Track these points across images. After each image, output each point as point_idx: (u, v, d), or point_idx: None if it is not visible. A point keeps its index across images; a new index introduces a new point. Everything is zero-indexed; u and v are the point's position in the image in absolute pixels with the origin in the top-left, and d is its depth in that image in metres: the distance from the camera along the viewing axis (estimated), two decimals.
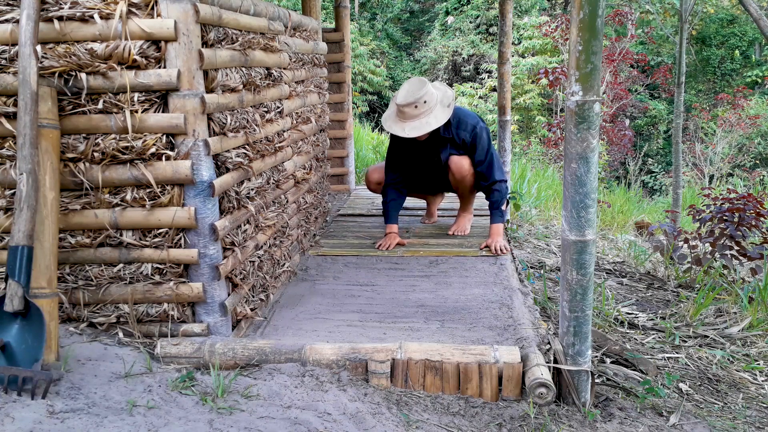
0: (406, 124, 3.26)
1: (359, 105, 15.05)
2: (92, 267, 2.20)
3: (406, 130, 3.25)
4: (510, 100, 5.02)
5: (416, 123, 3.25)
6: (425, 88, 3.25)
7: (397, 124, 3.29)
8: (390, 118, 3.37)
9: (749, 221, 3.80)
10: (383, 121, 3.40)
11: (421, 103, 3.22)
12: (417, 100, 3.21)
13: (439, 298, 2.78)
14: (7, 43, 2.02)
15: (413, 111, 3.23)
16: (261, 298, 2.64)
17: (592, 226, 1.97)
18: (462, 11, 17.62)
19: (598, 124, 1.91)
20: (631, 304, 3.44)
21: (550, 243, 4.87)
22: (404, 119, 3.27)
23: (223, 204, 2.28)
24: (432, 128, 3.25)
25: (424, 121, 3.25)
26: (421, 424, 1.90)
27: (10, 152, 2.08)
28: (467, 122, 3.43)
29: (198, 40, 2.07)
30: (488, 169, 3.46)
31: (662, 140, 14.77)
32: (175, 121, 2.04)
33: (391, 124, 3.33)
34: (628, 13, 10.82)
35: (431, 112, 3.26)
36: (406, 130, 3.25)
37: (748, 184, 10.49)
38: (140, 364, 2.06)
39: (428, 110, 3.25)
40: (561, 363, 2.09)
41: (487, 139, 3.46)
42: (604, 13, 1.84)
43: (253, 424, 1.75)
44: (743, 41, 16.12)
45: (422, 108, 3.23)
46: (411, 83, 3.31)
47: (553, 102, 14.05)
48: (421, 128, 3.24)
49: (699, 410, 2.24)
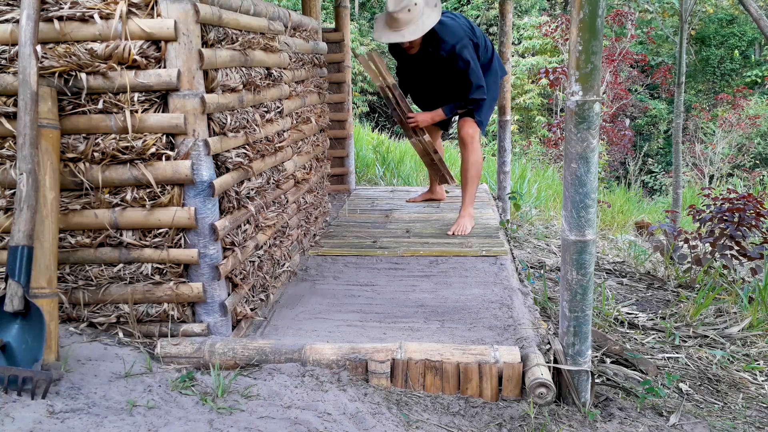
0: (403, 30, 3.33)
1: (359, 105, 15.05)
2: (92, 267, 2.20)
3: (406, 36, 3.32)
4: (510, 100, 5.02)
5: (412, 27, 3.32)
6: None
7: (394, 34, 3.36)
8: (384, 32, 3.42)
9: (749, 221, 3.80)
10: (377, 37, 3.46)
11: (412, 6, 3.30)
12: (408, 4, 3.29)
13: (439, 298, 2.78)
14: (7, 43, 2.02)
15: (406, 15, 3.30)
16: (261, 298, 2.64)
17: (592, 226, 1.97)
18: (462, 11, 17.62)
19: (598, 124, 1.91)
20: (631, 304, 3.44)
21: (550, 243, 4.87)
22: (399, 27, 3.34)
23: (223, 204, 2.28)
24: (428, 28, 3.32)
25: (419, 24, 3.32)
26: (421, 424, 1.90)
27: (10, 152, 2.08)
28: (447, 41, 3.46)
29: (198, 40, 2.07)
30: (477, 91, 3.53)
31: (662, 140, 14.78)
32: (175, 121, 2.04)
33: (389, 35, 3.38)
34: (629, 13, 10.82)
35: (423, 14, 3.33)
36: (405, 36, 3.32)
37: (748, 184, 10.49)
38: (140, 364, 2.06)
39: (420, 13, 3.33)
40: (561, 363, 2.09)
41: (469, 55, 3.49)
42: (604, 13, 1.84)
43: (253, 424, 1.75)
44: (743, 41, 16.13)
45: (414, 11, 3.31)
46: None
47: (553, 102, 14.06)
48: (417, 30, 3.31)
49: (699, 410, 2.24)
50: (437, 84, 3.71)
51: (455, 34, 3.49)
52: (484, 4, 17.05)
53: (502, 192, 4.89)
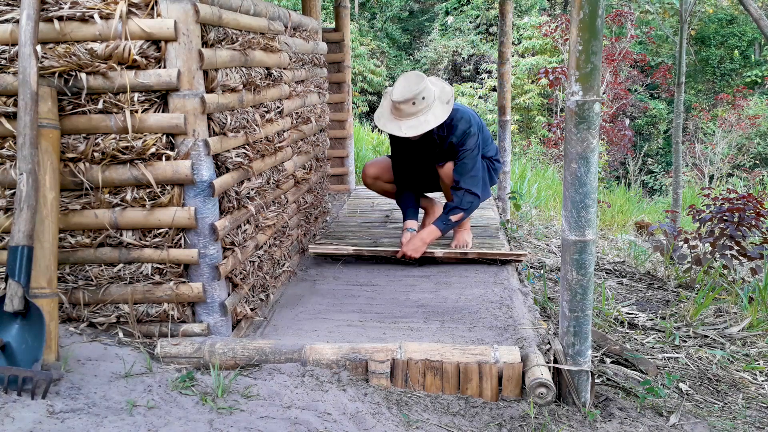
0: (403, 122, 3.00)
1: (359, 105, 15.05)
2: (92, 267, 2.20)
3: (403, 129, 2.99)
4: (510, 100, 5.02)
5: (413, 121, 2.99)
6: (423, 83, 2.98)
7: (393, 123, 3.04)
8: (384, 116, 3.09)
9: (749, 221, 3.80)
10: (376, 119, 3.13)
11: (419, 100, 2.97)
12: (415, 96, 2.95)
13: (439, 298, 2.78)
14: (7, 43, 2.02)
15: (410, 108, 2.97)
16: (261, 298, 2.64)
17: (592, 226, 1.97)
18: (462, 11, 17.63)
19: (598, 124, 1.91)
20: (631, 304, 3.43)
21: (550, 243, 4.87)
22: (400, 117, 3.01)
23: (223, 204, 2.28)
24: (431, 127, 2.99)
25: (422, 119, 2.98)
26: (421, 424, 1.90)
27: (10, 152, 2.08)
28: (459, 127, 3.15)
29: (198, 40, 2.07)
30: (461, 172, 3.17)
31: (662, 140, 14.78)
32: (175, 121, 2.04)
33: (386, 122, 3.07)
34: (628, 13, 10.83)
35: (429, 110, 3.00)
36: (402, 129, 2.99)
37: (748, 184, 10.49)
38: (140, 364, 2.06)
39: (426, 107, 2.99)
40: (561, 363, 2.09)
41: (476, 145, 3.18)
42: (604, 13, 1.84)
43: (253, 424, 1.75)
44: (742, 41, 16.13)
45: (420, 105, 2.97)
46: (407, 78, 3.04)
47: (553, 102, 14.05)
48: (419, 127, 2.98)
49: (699, 410, 2.24)
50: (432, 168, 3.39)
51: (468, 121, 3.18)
52: (484, 4, 17.06)
53: (502, 192, 4.89)
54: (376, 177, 3.60)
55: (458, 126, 3.15)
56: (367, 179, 3.65)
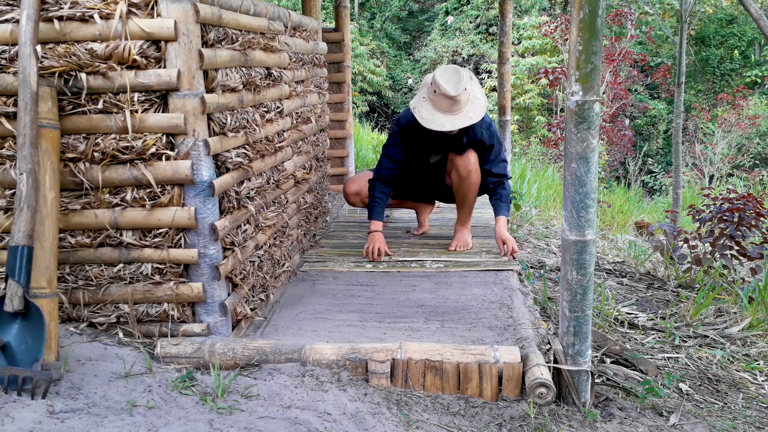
0: (463, 111, 3.01)
1: (359, 105, 15.05)
2: (92, 267, 2.20)
3: (472, 117, 3.01)
4: (510, 100, 5.03)
5: (469, 106, 3.02)
6: (462, 73, 3.02)
7: (454, 117, 3.00)
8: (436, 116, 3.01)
9: (749, 221, 3.80)
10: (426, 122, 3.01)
11: (468, 82, 3.02)
12: (464, 83, 2.98)
13: (439, 298, 2.78)
14: (7, 43, 2.02)
15: (464, 96, 2.98)
16: (261, 298, 2.64)
17: (592, 226, 1.97)
18: (462, 11, 17.63)
19: (598, 124, 1.91)
20: (631, 304, 3.43)
21: (550, 243, 4.87)
22: (459, 108, 3.00)
23: (223, 204, 2.28)
24: (485, 104, 3.06)
25: (470, 108, 3.03)
26: (421, 424, 1.90)
27: (10, 152, 2.08)
28: (484, 119, 3.20)
29: (198, 40, 2.07)
30: (502, 167, 3.32)
31: (662, 140, 14.79)
32: (175, 121, 2.04)
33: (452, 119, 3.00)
34: (628, 13, 10.83)
35: (470, 101, 3.04)
36: (471, 117, 3.01)
37: (748, 184, 10.49)
38: (140, 364, 2.06)
39: (468, 98, 3.03)
40: (561, 363, 2.09)
41: (498, 137, 3.33)
42: (604, 13, 1.84)
43: (253, 424, 1.75)
44: (742, 41, 16.14)
45: (464, 96, 3.00)
46: (447, 71, 3.04)
47: (553, 102, 14.06)
48: (479, 109, 3.04)
49: (699, 410, 2.24)
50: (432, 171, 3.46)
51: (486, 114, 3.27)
52: (484, 4, 17.06)
53: None
54: (357, 192, 3.57)
55: (484, 119, 3.21)
56: (349, 197, 3.62)
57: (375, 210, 3.36)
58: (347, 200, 3.66)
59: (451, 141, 3.26)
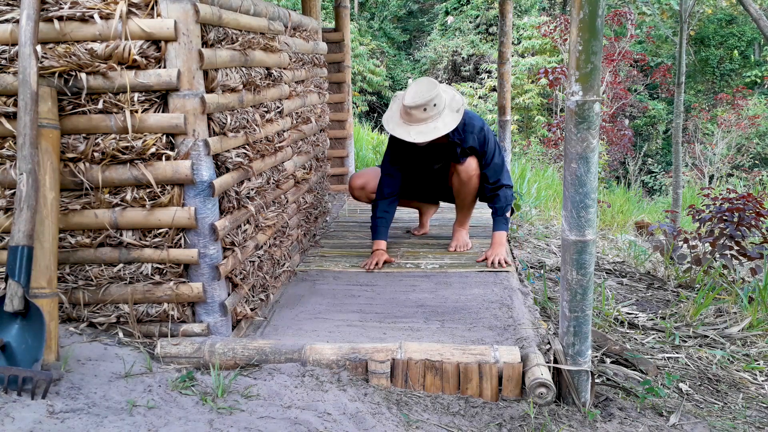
0: (412, 127, 2.99)
1: (359, 105, 15.05)
2: (92, 267, 2.20)
3: (412, 135, 2.98)
4: (510, 100, 5.03)
5: (423, 127, 2.98)
6: (435, 90, 2.98)
7: (402, 127, 3.02)
8: (393, 120, 3.08)
9: (749, 221, 3.80)
10: (385, 123, 3.13)
11: (431, 106, 2.96)
12: (427, 103, 2.94)
13: (439, 298, 2.78)
14: (7, 43, 2.02)
15: (421, 114, 2.96)
16: (261, 298, 2.64)
17: (592, 226, 1.97)
18: (462, 11, 17.63)
19: (598, 124, 1.91)
20: (631, 304, 3.44)
21: (550, 243, 4.87)
22: (410, 122, 3.00)
23: (223, 204, 2.28)
24: (440, 134, 2.98)
25: (431, 126, 2.98)
26: (421, 424, 1.90)
27: (10, 152, 2.08)
28: (474, 125, 3.18)
29: (198, 40, 2.07)
30: (495, 172, 3.24)
31: (662, 140, 14.80)
32: (175, 121, 2.04)
33: (395, 127, 3.05)
34: (628, 13, 10.83)
35: (440, 117, 3.00)
36: (411, 134, 2.98)
37: (748, 184, 10.50)
38: (140, 364, 2.06)
39: (437, 114, 2.99)
40: (561, 363, 2.09)
41: (494, 141, 3.25)
42: (604, 13, 1.84)
43: (253, 424, 1.75)
44: (742, 41, 16.14)
45: (431, 111, 2.97)
46: (420, 83, 3.03)
47: (553, 102, 14.06)
48: (428, 133, 2.97)
49: (699, 410, 2.24)
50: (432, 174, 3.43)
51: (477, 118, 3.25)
52: (484, 4, 17.07)
53: None
54: (362, 187, 3.57)
55: (474, 125, 3.19)
56: (354, 190, 3.62)
57: (379, 230, 3.31)
58: (352, 194, 3.66)
59: (445, 151, 3.25)
